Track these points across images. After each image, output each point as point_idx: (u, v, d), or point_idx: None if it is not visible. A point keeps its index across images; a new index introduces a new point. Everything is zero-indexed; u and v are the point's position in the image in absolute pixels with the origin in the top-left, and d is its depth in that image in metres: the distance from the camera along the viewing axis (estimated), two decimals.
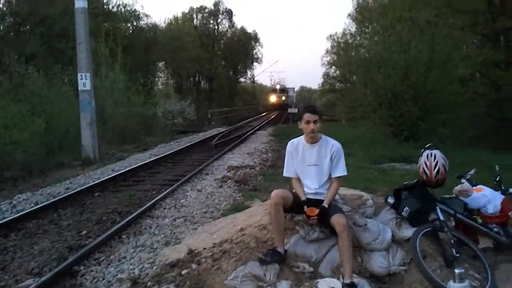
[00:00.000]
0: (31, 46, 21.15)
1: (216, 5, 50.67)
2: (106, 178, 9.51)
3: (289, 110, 46.21)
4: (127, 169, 10.67)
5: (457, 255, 3.74)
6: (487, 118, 16.62)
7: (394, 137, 14.04)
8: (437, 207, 4.11)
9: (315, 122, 3.95)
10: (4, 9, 25.09)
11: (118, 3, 30.95)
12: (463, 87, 14.92)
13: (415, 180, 4.36)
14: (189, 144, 16.41)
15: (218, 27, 52.21)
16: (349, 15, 34.35)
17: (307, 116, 3.96)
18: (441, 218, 4.04)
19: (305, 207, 3.88)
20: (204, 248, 4.38)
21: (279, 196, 3.86)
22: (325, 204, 3.87)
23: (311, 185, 4.04)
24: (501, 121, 15.88)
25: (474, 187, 4.39)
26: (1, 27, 23.94)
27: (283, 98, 57.46)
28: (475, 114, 15.61)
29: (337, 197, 4.16)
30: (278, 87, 60.73)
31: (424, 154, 4.27)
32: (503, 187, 5.25)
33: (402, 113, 13.65)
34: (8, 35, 22.63)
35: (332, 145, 4.06)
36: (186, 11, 49.35)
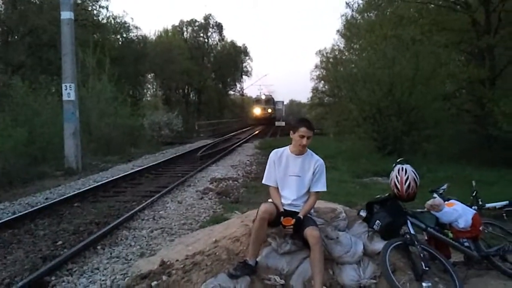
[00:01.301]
0: (18, 55, 21.09)
1: (206, 18, 50.99)
2: (86, 188, 9.44)
3: (277, 123, 45.90)
4: (108, 179, 10.61)
5: (427, 268, 3.75)
6: (471, 135, 16.82)
7: (378, 152, 14.16)
8: (408, 221, 4.15)
9: (308, 138, 4.01)
10: None
11: (108, 15, 31.07)
12: (447, 103, 15.13)
13: (387, 194, 4.40)
14: (174, 155, 16.36)
15: (208, 40, 52.48)
16: (338, 31, 34.81)
17: (303, 130, 4.00)
18: (412, 231, 4.07)
19: (282, 217, 3.89)
20: (177, 260, 4.36)
21: (267, 211, 3.85)
22: (301, 215, 3.89)
23: (290, 196, 4.05)
24: (485, 138, 16.05)
25: (446, 202, 4.43)
26: None
27: (269, 110, 49.94)
28: (459, 130, 15.79)
29: (311, 210, 4.18)
30: (263, 97, 51.86)
31: (396, 168, 4.31)
32: (480, 202, 5.33)
33: (386, 128, 13.78)
34: None
35: (316, 160, 4.12)
36: (177, 24, 49.61)
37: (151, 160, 15.20)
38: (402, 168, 4.27)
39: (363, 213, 4.39)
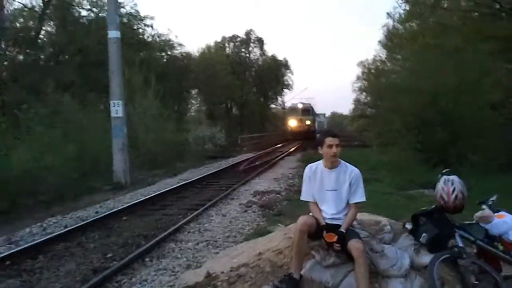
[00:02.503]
0: (68, 74, 22.06)
1: (247, 34, 51.67)
2: (134, 202, 9.73)
3: (319, 137, 45.03)
4: (155, 193, 10.88)
5: (476, 282, 3.67)
6: None
7: (423, 163, 13.82)
8: (456, 234, 4.05)
9: (337, 146, 4.00)
10: (45, 39, 26.38)
11: (153, 33, 32.10)
12: (494, 113, 14.63)
13: (433, 206, 4.32)
14: (217, 169, 16.58)
15: (249, 55, 53.09)
16: (379, 41, 34.57)
17: (329, 140, 4.02)
18: (460, 244, 3.98)
19: (324, 232, 3.89)
20: (222, 272, 4.44)
21: (306, 224, 3.87)
22: (343, 229, 3.88)
23: (328, 211, 4.05)
24: None
25: (495, 213, 4.31)
26: (41, 57, 25.13)
27: (307, 122, 41.33)
28: (508, 140, 15.19)
29: (354, 222, 4.16)
30: (299, 106, 42.79)
31: (442, 180, 4.23)
32: None
33: (431, 138, 13.46)
34: (48, 64, 23.69)
35: (351, 171, 4.08)
36: (219, 40, 50.54)
37: (196, 174, 15.47)
38: (449, 179, 4.19)
39: (408, 226, 4.33)
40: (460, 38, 15.52)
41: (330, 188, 4.06)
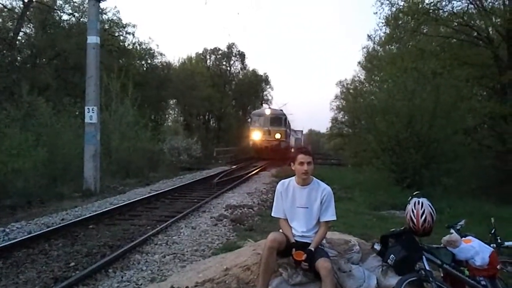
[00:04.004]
0: (45, 78, 21.69)
1: (229, 47, 51.86)
2: (102, 210, 9.50)
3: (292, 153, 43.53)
4: (125, 202, 10.66)
5: None
6: (491, 170, 16.52)
7: (396, 184, 13.96)
8: (424, 256, 4.04)
9: (308, 163, 3.96)
10: (23, 41, 25.95)
11: (134, 41, 31.94)
12: (468, 138, 14.93)
13: (402, 228, 4.30)
14: (191, 181, 16.40)
15: (230, 68, 53.25)
16: (359, 62, 35.24)
17: (301, 157, 3.97)
18: (427, 267, 3.96)
19: (293, 250, 3.84)
20: (187, 287, 4.33)
21: (275, 240, 3.81)
22: (312, 248, 3.83)
23: (299, 228, 4.01)
24: (506, 174, 15.75)
25: (463, 238, 4.32)
26: (18, 59, 24.67)
27: (278, 135, 31.35)
28: (480, 165, 15.52)
29: (323, 241, 4.12)
30: (267, 111, 33.17)
31: (412, 201, 4.22)
32: (499, 240, 5.16)
33: (405, 160, 13.62)
34: (24, 67, 23.26)
35: (324, 189, 4.05)
36: (200, 51, 50.59)
37: (168, 185, 15.26)
38: (419, 202, 4.18)
39: (377, 247, 4.29)
40: (438, 63, 15.87)
41: (301, 205, 4.02)
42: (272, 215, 4.23)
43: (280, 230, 4.08)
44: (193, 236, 7.57)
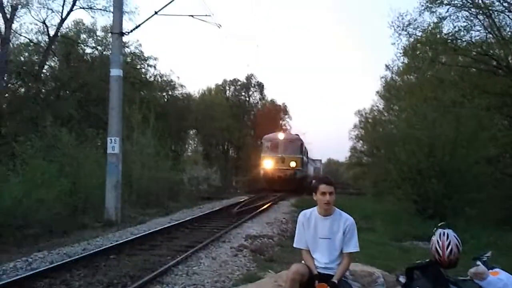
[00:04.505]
0: (68, 109, 22.22)
1: (248, 78, 52.41)
2: (124, 240, 9.53)
3: (314, 183, 42.17)
4: (145, 232, 10.71)
5: None
6: None
7: (418, 214, 13.73)
8: None
9: (330, 194, 3.92)
10: (48, 74, 26.78)
11: (155, 73, 32.68)
12: (490, 167, 14.69)
13: (428, 260, 4.23)
14: (210, 210, 16.42)
15: (249, 99, 53.69)
16: (377, 92, 35.24)
17: (322, 187, 3.94)
18: None
19: (316, 282, 3.79)
20: None
21: (298, 272, 3.78)
22: (335, 280, 3.77)
23: (321, 259, 3.96)
24: None
25: (490, 270, 4.21)
26: (43, 90, 25.41)
27: (293, 163, 28.20)
28: (504, 195, 15.18)
29: (347, 273, 4.06)
30: (281, 136, 29.77)
31: (437, 233, 4.15)
32: None
33: (427, 190, 13.43)
34: (48, 98, 23.90)
35: (346, 220, 4.01)
36: (220, 83, 51.27)
37: (188, 214, 15.29)
38: (444, 233, 4.11)
39: (402, 279, 4.21)
40: (458, 93, 15.81)
41: (324, 236, 3.98)
42: (294, 246, 4.19)
43: (302, 262, 4.05)
44: (213, 267, 7.53)
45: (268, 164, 28.43)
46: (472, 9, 16.71)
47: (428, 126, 14.13)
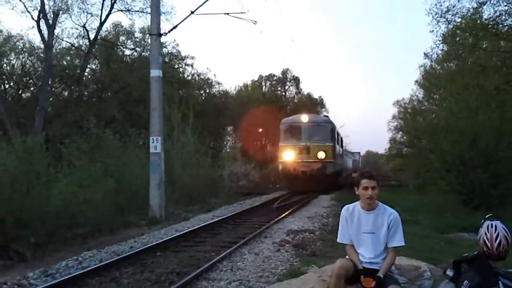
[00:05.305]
0: (111, 110, 22.90)
1: (284, 73, 52.28)
2: (169, 238, 9.77)
3: (354, 175, 39.89)
4: (189, 229, 10.93)
5: None
6: None
7: (463, 205, 13.38)
8: (500, 282, 3.88)
9: (373, 188, 3.92)
10: (89, 77, 27.66)
11: (193, 72, 33.21)
12: None
13: (476, 252, 4.16)
14: (251, 206, 16.56)
15: (285, 93, 53.58)
16: (416, 81, 34.39)
17: (364, 182, 3.94)
18: None
19: (362, 277, 3.80)
20: None
21: (343, 267, 3.80)
22: (381, 275, 3.77)
23: (366, 254, 3.96)
24: None
25: None
26: (85, 93, 26.28)
27: (321, 154, 22.22)
28: None
29: (392, 267, 4.05)
30: (304, 119, 23.33)
31: (484, 225, 4.08)
32: None
33: (472, 180, 13.07)
34: (91, 101, 24.71)
35: (390, 214, 3.99)
36: (256, 78, 51.38)
37: (230, 211, 15.49)
38: (492, 225, 4.04)
39: (449, 272, 4.17)
40: (501, 79, 15.27)
41: (368, 230, 3.98)
42: (338, 241, 4.21)
43: (347, 257, 4.06)
44: (256, 262, 7.62)
45: (288, 155, 22.37)
46: None
47: (471, 114, 13.73)
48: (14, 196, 9.41)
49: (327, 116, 27.96)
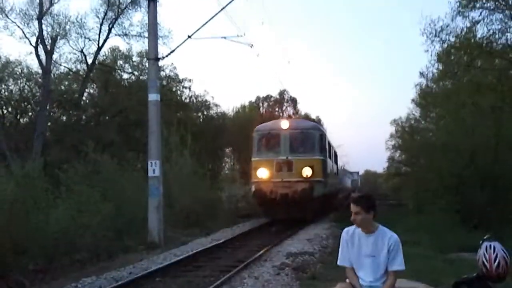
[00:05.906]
0: (109, 134, 22.94)
1: (281, 93, 52.58)
2: (168, 263, 9.73)
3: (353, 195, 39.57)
4: (188, 254, 10.89)
5: None
6: None
7: (463, 225, 13.36)
8: None
9: (356, 213, 3.89)
10: (87, 101, 27.81)
11: (190, 95, 33.40)
12: None
13: (475, 274, 4.16)
14: (250, 228, 16.47)
15: (283, 114, 53.74)
16: (412, 100, 34.57)
17: (351, 206, 3.94)
18: None
19: None
20: None
21: None
22: None
23: (366, 278, 3.95)
24: None
25: None
26: (83, 117, 26.38)
27: (307, 171, 16.28)
28: None
29: None
30: (283, 125, 17.39)
31: (483, 246, 4.08)
32: None
33: (470, 199, 13.08)
34: (89, 125, 24.78)
35: (390, 237, 3.97)
36: (253, 99, 51.67)
37: (229, 234, 15.39)
38: (490, 246, 4.03)
39: None
40: (497, 97, 15.40)
41: (368, 254, 3.96)
42: (338, 263, 4.19)
43: (347, 280, 4.05)
44: (256, 286, 7.59)
45: (263, 173, 16.96)
46: (506, 11, 16.33)
47: (468, 132, 13.82)
48: (13, 222, 9.37)
49: (314, 121, 21.82)
